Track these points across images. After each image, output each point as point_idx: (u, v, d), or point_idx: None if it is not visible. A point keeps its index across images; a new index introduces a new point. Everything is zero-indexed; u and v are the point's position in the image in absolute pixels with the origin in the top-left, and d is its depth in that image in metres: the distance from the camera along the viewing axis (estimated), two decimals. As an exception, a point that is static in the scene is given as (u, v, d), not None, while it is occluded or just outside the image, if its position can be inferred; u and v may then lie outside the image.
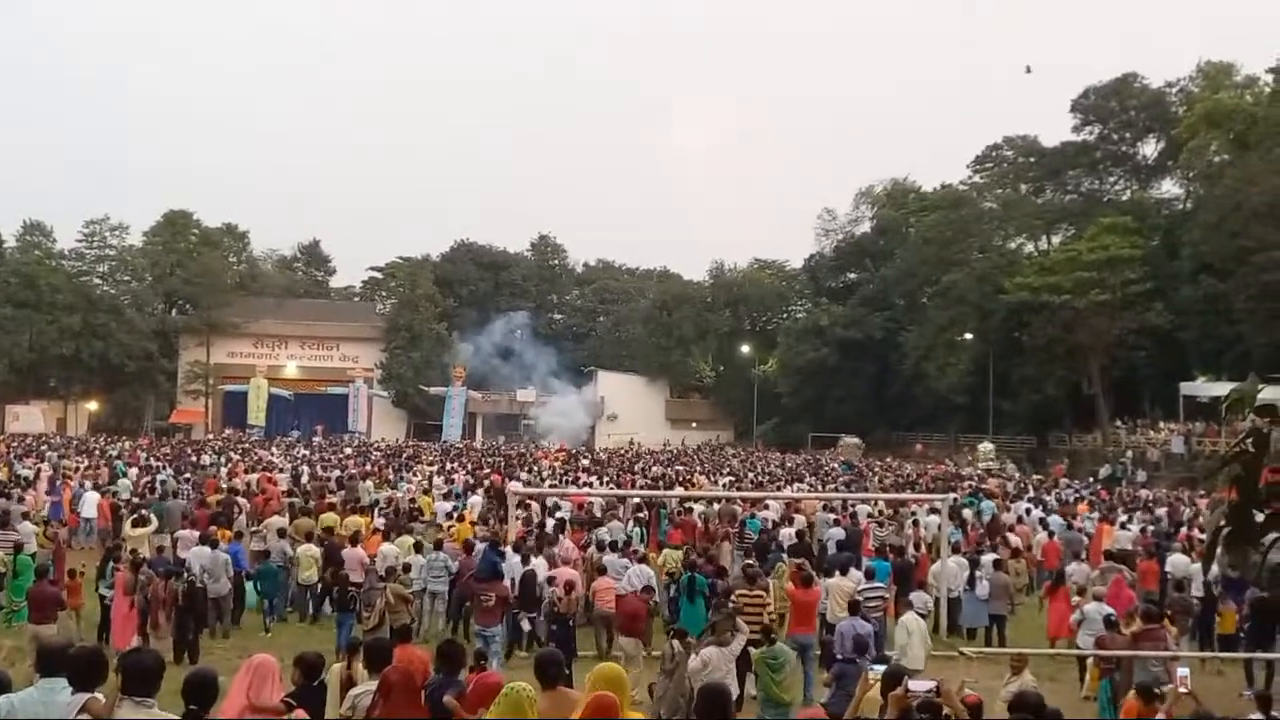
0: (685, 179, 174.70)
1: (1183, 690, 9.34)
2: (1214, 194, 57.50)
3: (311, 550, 20.34)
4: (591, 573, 18.34)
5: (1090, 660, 15.06)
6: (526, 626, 17.14)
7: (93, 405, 77.02)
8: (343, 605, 17.56)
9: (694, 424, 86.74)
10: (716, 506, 27.30)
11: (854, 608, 14.62)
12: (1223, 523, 4.18)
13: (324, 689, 9.14)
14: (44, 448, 46.62)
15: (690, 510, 26.57)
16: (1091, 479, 47.58)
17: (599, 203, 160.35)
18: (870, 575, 17.64)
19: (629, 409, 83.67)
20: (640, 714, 6.56)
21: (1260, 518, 3.86)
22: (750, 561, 18.83)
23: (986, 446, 61.35)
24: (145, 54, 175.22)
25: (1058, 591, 18.65)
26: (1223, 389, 50.30)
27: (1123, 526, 27.28)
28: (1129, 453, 53.01)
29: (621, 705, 6.64)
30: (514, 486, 28.05)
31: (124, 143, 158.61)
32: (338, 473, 36.74)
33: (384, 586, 16.66)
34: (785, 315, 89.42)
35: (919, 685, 7.00)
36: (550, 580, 17.52)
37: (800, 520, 26.35)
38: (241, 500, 27.10)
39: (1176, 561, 20.85)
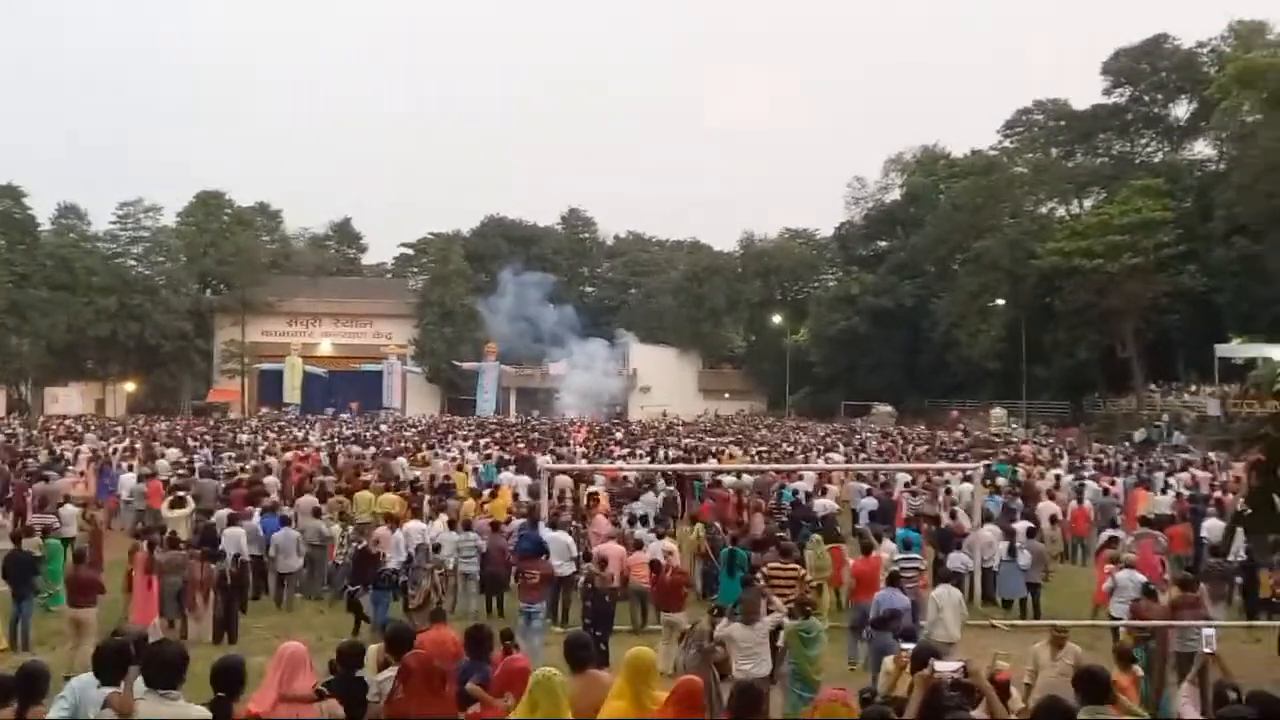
0: (714, 149, 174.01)
1: (1207, 650, 9.28)
2: (1247, 154, 56.77)
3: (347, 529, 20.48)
4: (628, 548, 18.38)
5: (1123, 628, 14.96)
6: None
7: (130, 386, 77.75)
8: (378, 584, 17.63)
9: (726, 395, 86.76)
10: (749, 478, 27.29)
11: (893, 579, 14.59)
12: (1241, 506, 4.17)
13: (362, 680, 9.23)
14: (81, 429, 47.02)
15: (719, 483, 26.50)
16: (1126, 443, 47.31)
17: (629, 175, 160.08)
18: (906, 546, 17.54)
19: (661, 381, 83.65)
20: (666, 693, 6.58)
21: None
22: (783, 534, 18.81)
23: (999, 412, 61.45)
24: (175, 36, 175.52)
25: (1100, 558, 18.45)
26: (1258, 350, 49.94)
27: (1163, 492, 27.11)
28: (1164, 416, 52.68)
29: (650, 684, 6.68)
30: (545, 461, 28.11)
31: (157, 125, 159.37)
32: (372, 450, 36.91)
33: (431, 566, 16.82)
34: (816, 284, 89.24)
35: (945, 666, 6.98)
36: (587, 556, 17.60)
37: (834, 491, 26.34)
38: (270, 479, 27.19)
39: (1213, 526, 20.70)
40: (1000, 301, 65.44)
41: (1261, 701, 7.20)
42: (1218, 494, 26.45)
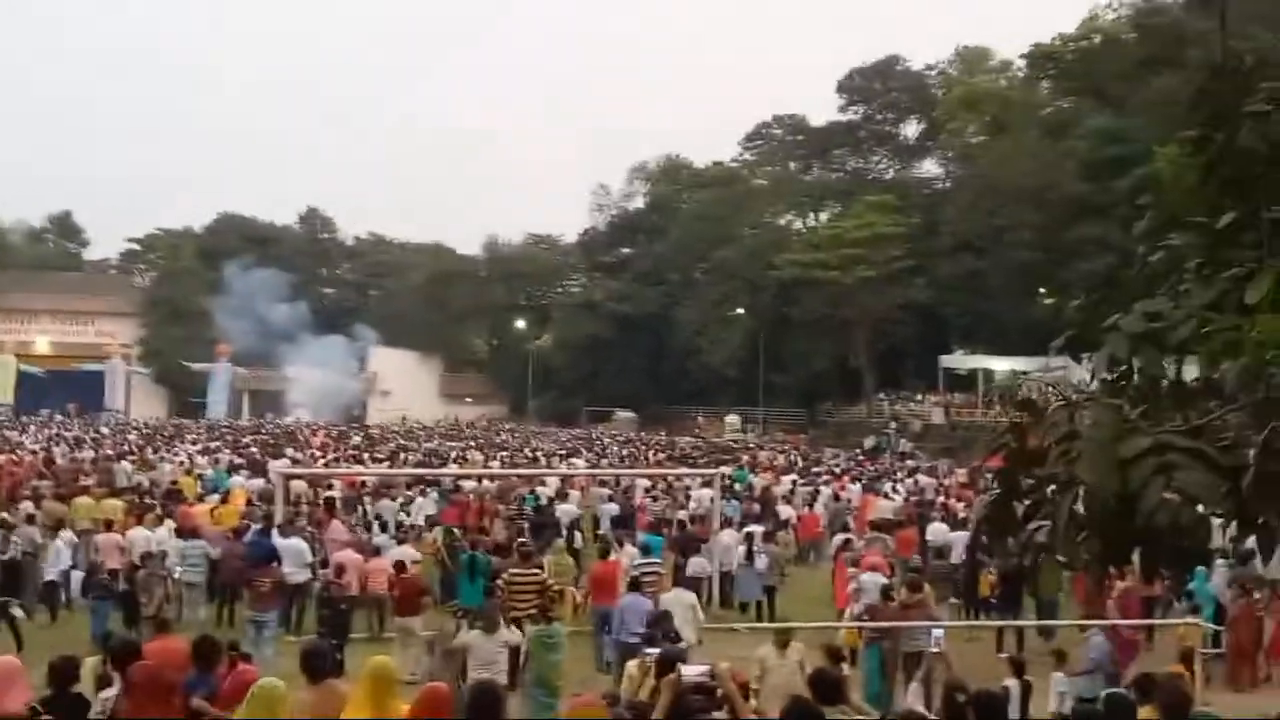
0: (460, 152, 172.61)
1: (935, 650, 9.67)
2: (970, 174, 59.97)
3: (64, 537, 19.30)
4: (365, 555, 17.92)
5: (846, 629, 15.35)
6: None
7: None
8: (98, 594, 16.70)
9: (468, 399, 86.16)
10: (491, 484, 27.10)
11: (634, 584, 14.65)
12: (984, 513, 4.28)
13: (82, 697, 8.64)
14: None
15: (459, 488, 26.22)
16: (857, 450, 49.05)
17: (368, 177, 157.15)
18: (646, 550, 17.64)
19: (402, 385, 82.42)
20: (407, 705, 6.37)
21: (1021, 509, 3.99)
22: (524, 539, 18.69)
23: (733, 419, 63.17)
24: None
25: (839, 561, 18.95)
26: (980, 361, 52.81)
27: (886, 496, 28.25)
28: (893, 423, 54.92)
29: (391, 695, 6.46)
30: (279, 465, 27.31)
31: None
32: (93, 454, 35.10)
33: (165, 574, 16.08)
34: (560, 290, 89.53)
35: (692, 669, 6.99)
36: (324, 563, 17.12)
37: (575, 496, 26.38)
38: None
39: (937, 529, 21.56)
40: (740, 310, 67.00)
41: (984, 699, 7.50)
42: (942, 499, 27.61)
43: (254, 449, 38.40)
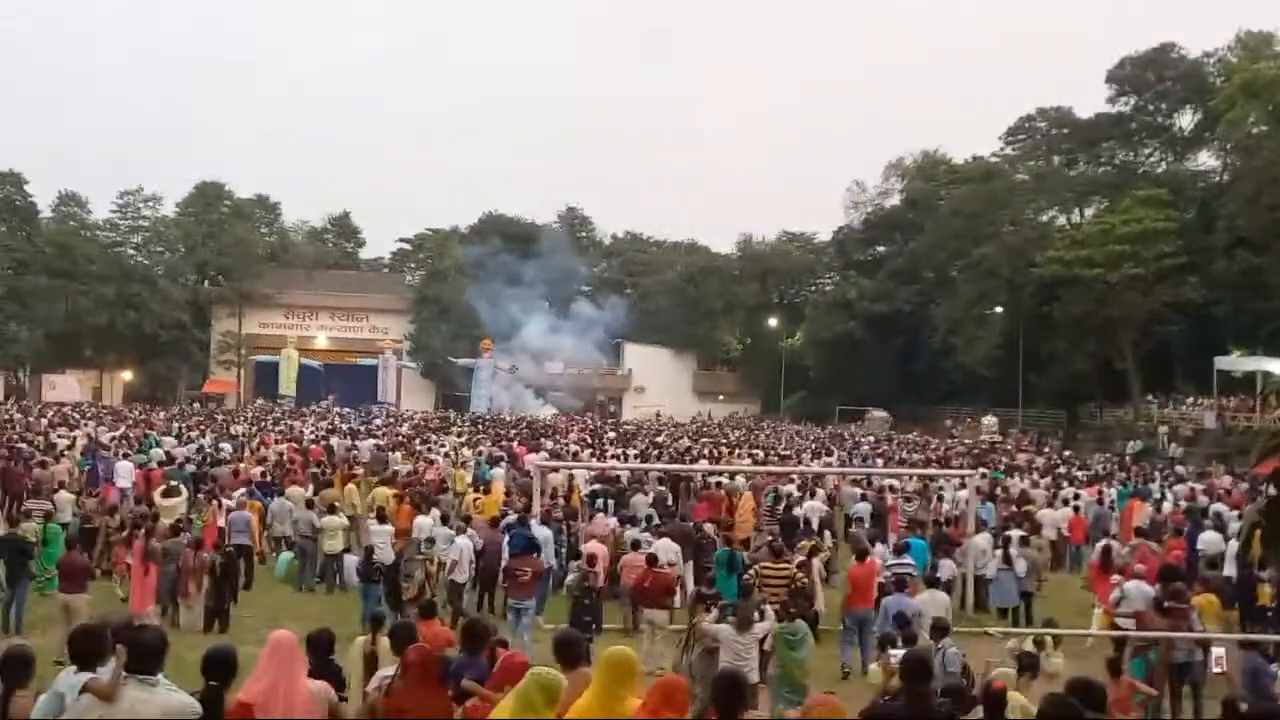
0: (714, 151, 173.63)
1: (1218, 670, 9.31)
2: (1252, 166, 56.78)
3: (337, 520, 20.38)
4: (621, 548, 18.26)
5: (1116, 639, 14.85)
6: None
7: (127, 375, 77.39)
8: (367, 577, 17.56)
9: (721, 397, 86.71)
10: (743, 480, 27.17)
11: (900, 584, 14.62)
12: (1258, 518, 4.08)
13: (334, 663, 9.13)
14: (79, 416, 46.84)
15: (718, 485, 26.35)
16: (1121, 455, 47.20)
17: (628, 175, 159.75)
18: (902, 551, 17.39)
19: (656, 381, 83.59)
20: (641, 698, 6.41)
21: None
22: (774, 535, 18.74)
23: (990, 420, 61.66)
24: (174, 24, 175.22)
25: (1094, 567, 18.32)
26: (1258, 364, 49.92)
27: (1153, 502, 27.14)
28: (1161, 428, 52.59)
29: (624, 684, 6.53)
30: (536, 458, 28.02)
31: (157, 114, 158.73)
32: (370, 443, 36.77)
33: (423, 558, 16.81)
34: (813, 288, 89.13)
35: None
36: (576, 554, 17.54)
37: (822, 494, 26.21)
38: (258, 471, 27.12)
39: (1209, 538, 20.61)
40: (998, 309, 65.31)
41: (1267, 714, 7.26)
42: (1215, 507, 26.29)
43: (514, 442, 39.52)
